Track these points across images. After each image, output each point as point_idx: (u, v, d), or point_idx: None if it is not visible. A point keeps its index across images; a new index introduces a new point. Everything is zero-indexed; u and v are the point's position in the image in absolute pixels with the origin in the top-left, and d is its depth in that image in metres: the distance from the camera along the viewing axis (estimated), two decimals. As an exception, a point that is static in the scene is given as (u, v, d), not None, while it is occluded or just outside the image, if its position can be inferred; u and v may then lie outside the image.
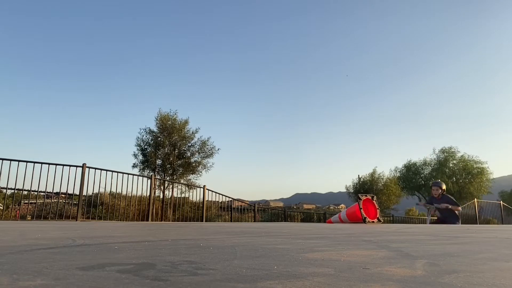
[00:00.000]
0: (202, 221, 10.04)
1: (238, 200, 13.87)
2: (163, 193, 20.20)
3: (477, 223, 14.29)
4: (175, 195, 20.50)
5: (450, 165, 36.13)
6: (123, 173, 7.92)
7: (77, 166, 7.09)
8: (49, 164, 6.74)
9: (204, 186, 10.53)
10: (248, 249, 1.46)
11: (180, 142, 23.42)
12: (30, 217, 13.22)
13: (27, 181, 6.63)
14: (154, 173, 21.29)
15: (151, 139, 23.52)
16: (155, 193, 12.47)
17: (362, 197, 7.91)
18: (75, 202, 9.31)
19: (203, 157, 23.61)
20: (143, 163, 23.39)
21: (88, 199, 8.24)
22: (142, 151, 23.62)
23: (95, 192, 8.09)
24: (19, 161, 6.47)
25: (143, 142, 23.69)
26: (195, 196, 18.72)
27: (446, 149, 36.84)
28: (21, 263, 1.00)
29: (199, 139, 23.91)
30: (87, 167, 7.19)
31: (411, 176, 37.40)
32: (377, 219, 7.70)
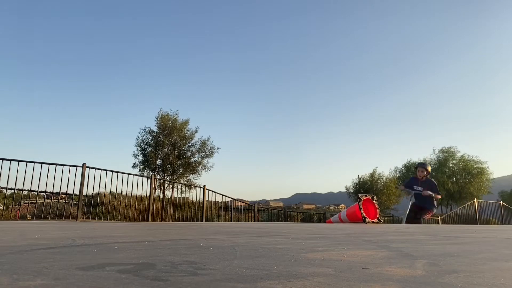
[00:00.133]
0: (202, 221, 10.04)
1: (238, 200, 13.87)
2: (163, 193, 20.21)
3: (477, 223, 14.29)
4: (175, 195, 20.52)
5: (450, 165, 36.12)
6: (123, 173, 7.93)
7: (77, 166, 7.10)
8: (49, 164, 6.75)
9: (204, 186, 10.53)
10: (248, 249, 1.46)
11: (180, 142, 23.42)
12: (30, 217, 13.22)
13: (27, 181, 6.64)
14: (154, 173, 21.29)
15: (151, 139, 23.53)
16: (155, 193, 12.47)
17: (362, 197, 7.91)
18: (75, 202, 9.31)
19: (203, 157, 23.63)
20: (143, 163, 23.40)
21: (88, 199, 8.25)
22: (142, 151, 23.63)
23: (95, 192, 8.10)
24: (19, 161, 6.47)
25: (143, 142, 23.70)
26: (195, 196, 18.74)
27: (445, 149, 36.84)
28: (21, 263, 1.00)
29: (200, 139, 23.92)
30: (87, 167, 7.19)
31: (411, 176, 37.38)
32: (377, 219, 7.70)
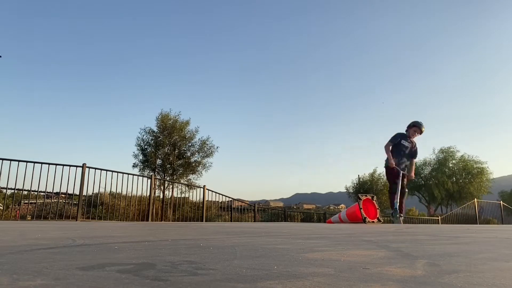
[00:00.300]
0: (202, 221, 10.04)
1: (238, 200, 13.87)
2: (163, 193, 20.24)
3: (477, 223, 14.29)
4: (175, 195, 20.53)
5: (449, 165, 36.14)
6: (123, 173, 7.94)
7: (77, 166, 7.10)
8: (49, 164, 6.75)
9: (204, 186, 10.54)
10: (248, 249, 1.46)
11: (180, 142, 23.44)
12: (30, 217, 13.22)
13: (27, 181, 6.66)
14: (154, 173, 21.29)
15: (151, 139, 23.55)
16: (155, 193, 12.47)
17: (362, 197, 7.91)
18: (75, 202, 9.31)
19: (203, 156, 23.66)
20: (143, 163, 23.43)
21: (88, 199, 8.25)
22: (142, 151, 23.66)
23: (95, 192, 8.12)
24: (19, 161, 6.47)
25: (143, 142, 23.74)
26: (195, 196, 18.74)
27: (445, 149, 36.86)
28: (21, 263, 1.00)
29: (199, 139, 23.95)
30: (87, 167, 7.20)
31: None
32: (377, 219, 7.70)
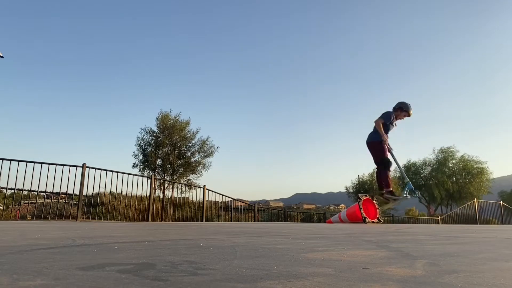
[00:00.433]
0: (202, 221, 10.04)
1: (238, 200, 13.87)
2: (163, 193, 20.23)
3: (477, 223, 14.29)
4: (175, 195, 20.52)
5: (449, 165, 36.16)
6: (123, 173, 7.93)
7: (77, 166, 7.10)
8: (49, 164, 6.75)
9: (204, 186, 10.54)
10: (248, 249, 1.46)
11: (180, 142, 23.45)
12: (30, 217, 13.21)
13: (27, 181, 6.66)
14: (154, 173, 21.30)
15: (152, 139, 23.56)
16: (155, 193, 12.47)
17: (362, 197, 7.91)
18: (75, 202, 9.31)
19: (203, 156, 23.67)
20: (143, 163, 23.43)
21: (88, 199, 8.25)
22: (142, 151, 23.66)
23: (95, 192, 8.11)
24: (19, 161, 6.47)
25: (143, 142, 23.74)
26: (195, 196, 18.74)
27: (445, 149, 36.88)
28: (21, 263, 1.00)
29: (199, 139, 23.97)
30: (87, 167, 7.20)
31: (411, 176, 37.47)
32: (377, 219, 7.70)
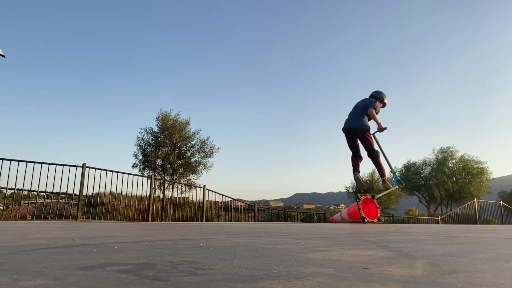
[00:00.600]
0: (202, 221, 10.04)
1: (238, 200, 13.87)
2: (163, 193, 20.22)
3: (477, 223, 14.29)
4: (175, 195, 20.52)
5: (449, 165, 36.13)
6: (123, 173, 7.93)
7: (77, 166, 7.10)
8: (49, 164, 6.75)
9: (204, 186, 10.53)
10: (248, 249, 1.46)
11: (180, 142, 23.45)
12: (30, 217, 13.21)
13: (27, 181, 6.65)
14: (154, 173, 21.30)
15: (152, 139, 23.56)
16: (155, 193, 12.47)
17: (361, 197, 7.92)
18: (75, 202, 9.31)
19: (203, 156, 23.67)
20: (143, 163, 23.42)
21: (88, 199, 8.25)
22: (142, 151, 23.66)
23: (95, 192, 8.11)
24: (19, 161, 6.47)
25: (143, 142, 23.73)
26: (195, 196, 18.74)
27: (445, 149, 36.85)
28: (21, 263, 1.00)
29: (199, 138, 23.97)
30: (87, 167, 7.19)
31: (411, 176, 37.44)
32: (377, 219, 7.71)
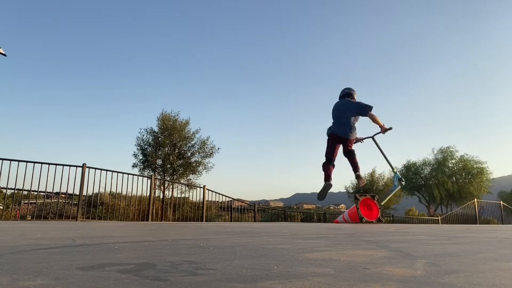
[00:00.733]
0: (202, 221, 10.04)
1: (238, 200, 13.87)
2: (163, 193, 20.21)
3: (477, 223, 14.29)
4: (175, 195, 20.51)
5: (449, 165, 36.12)
6: (123, 173, 7.93)
7: (77, 166, 7.10)
8: (49, 164, 6.75)
9: (204, 186, 10.53)
10: (248, 249, 1.46)
11: (180, 142, 23.45)
12: (30, 217, 13.21)
13: (27, 181, 6.65)
14: (154, 173, 21.30)
15: (152, 139, 23.56)
16: (155, 193, 12.47)
17: (359, 197, 7.92)
18: (75, 202, 9.31)
19: (203, 157, 23.66)
20: (143, 163, 23.42)
21: (88, 199, 8.25)
22: (142, 151, 23.65)
23: (95, 192, 8.11)
24: (19, 161, 6.47)
25: (143, 142, 23.73)
26: (195, 196, 18.73)
27: (444, 149, 36.84)
28: (21, 263, 1.00)
29: (199, 138, 23.97)
30: (87, 167, 7.19)
31: (411, 176, 37.43)
32: (377, 219, 7.71)
